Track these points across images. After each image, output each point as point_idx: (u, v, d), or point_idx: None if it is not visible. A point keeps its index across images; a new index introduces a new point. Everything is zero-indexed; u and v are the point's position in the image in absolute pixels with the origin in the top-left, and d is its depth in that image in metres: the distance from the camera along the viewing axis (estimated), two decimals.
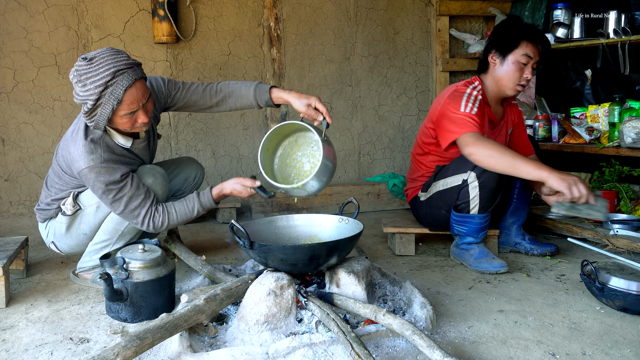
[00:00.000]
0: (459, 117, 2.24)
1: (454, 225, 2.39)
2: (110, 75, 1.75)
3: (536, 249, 2.52)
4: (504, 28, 2.37)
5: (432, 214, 2.47)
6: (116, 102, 1.79)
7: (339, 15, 3.76)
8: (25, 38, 3.15)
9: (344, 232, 1.94)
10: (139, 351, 1.37)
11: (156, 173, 2.08)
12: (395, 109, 3.97)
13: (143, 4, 3.32)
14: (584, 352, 1.57)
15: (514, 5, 3.90)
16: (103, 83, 1.75)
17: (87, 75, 1.76)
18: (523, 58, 2.32)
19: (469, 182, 2.26)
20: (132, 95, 1.82)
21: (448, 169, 2.38)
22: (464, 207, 2.32)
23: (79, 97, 1.80)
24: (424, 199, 2.50)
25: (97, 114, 1.82)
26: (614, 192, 2.77)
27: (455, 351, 1.57)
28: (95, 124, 1.86)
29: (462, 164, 2.30)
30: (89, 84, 1.75)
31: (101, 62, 1.76)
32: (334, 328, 1.49)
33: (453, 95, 2.33)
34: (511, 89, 2.38)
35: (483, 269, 2.28)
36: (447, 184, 2.36)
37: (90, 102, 1.78)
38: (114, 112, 1.83)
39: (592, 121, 3.05)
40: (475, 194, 2.27)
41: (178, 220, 2.06)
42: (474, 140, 2.15)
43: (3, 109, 3.17)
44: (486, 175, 2.21)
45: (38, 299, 2.02)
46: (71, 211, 2.06)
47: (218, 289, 1.67)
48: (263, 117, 3.66)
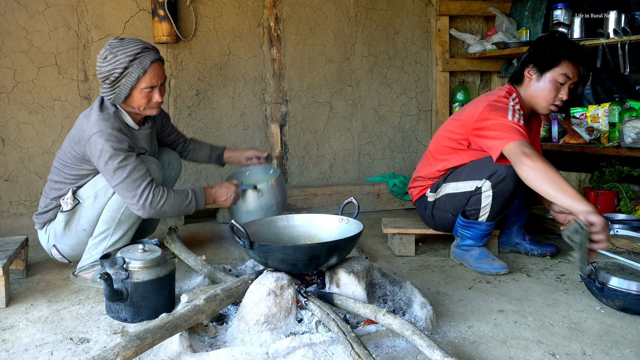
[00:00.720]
0: (508, 125, 2.09)
1: (459, 229, 2.38)
2: (139, 49, 2.01)
3: (536, 249, 2.52)
4: (546, 43, 2.25)
5: (438, 216, 2.45)
6: (142, 71, 2.00)
7: (339, 15, 3.76)
8: (25, 38, 3.15)
9: (344, 232, 1.94)
10: (139, 351, 1.37)
11: (151, 161, 2.13)
12: (395, 109, 3.97)
13: (143, 4, 3.32)
14: (584, 352, 1.57)
15: (514, 5, 3.90)
16: (133, 54, 1.99)
17: (119, 48, 2.00)
18: (561, 78, 2.21)
19: (482, 191, 2.23)
20: (155, 70, 2.05)
21: (461, 172, 2.33)
22: (472, 213, 2.30)
23: (107, 67, 1.99)
24: (432, 199, 2.46)
25: (122, 84, 2.01)
26: (614, 192, 2.77)
27: (455, 351, 1.57)
28: (116, 96, 2.04)
29: (477, 171, 2.24)
30: (119, 54, 1.98)
31: (132, 40, 2.04)
32: (334, 328, 1.49)
33: (495, 105, 2.20)
34: (544, 107, 2.29)
35: (483, 270, 2.28)
36: (458, 188, 2.32)
37: (118, 70, 1.99)
38: (138, 81, 2.02)
39: (592, 121, 3.05)
40: (487, 203, 2.24)
41: (172, 205, 2.07)
42: (528, 151, 1.97)
43: (3, 109, 3.17)
44: (501, 186, 2.18)
45: (38, 299, 2.02)
46: (70, 205, 2.10)
47: (218, 289, 1.67)
48: (263, 117, 3.66)
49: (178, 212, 2.11)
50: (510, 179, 2.16)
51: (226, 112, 3.57)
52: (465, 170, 2.32)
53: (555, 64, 2.22)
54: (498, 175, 2.18)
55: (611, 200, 2.75)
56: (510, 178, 2.15)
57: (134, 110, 2.12)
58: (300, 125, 3.75)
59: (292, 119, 3.73)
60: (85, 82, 3.28)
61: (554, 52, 2.22)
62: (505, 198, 2.22)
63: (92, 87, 3.30)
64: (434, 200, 2.45)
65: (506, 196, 2.21)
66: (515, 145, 2.01)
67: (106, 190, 2.08)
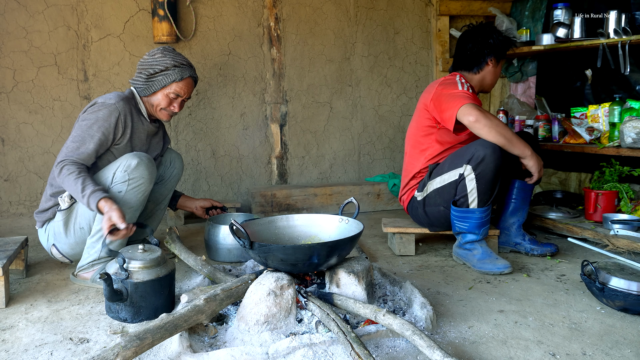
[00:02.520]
0: (457, 93, 2.33)
1: (455, 223, 2.39)
2: (185, 62, 2.29)
3: (536, 249, 2.52)
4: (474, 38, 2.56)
5: (431, 212, 2.47)
6: (179, 78, 2.25)
7: (339, 15, 3.75)
8: (25, 38, 3.15)
9: (344, 232, 1.93)
10: (138, 351, 1.37)
11: (141, 156, 2.16)
12: (396, 108, 3.96)
13: (143, 4, 3.32)
14: (584, 352, 1.57)
15: (514, 5, 3.90)
16: (178, 63, 2.26)
17: (171, 54, 2.27)
18: None
19: (465, 175, 2.29)
20: (188, 83, 2.31)
21: (443, 166, 2.40)
22: (463, 201, 2.33)
23: (153, 62, 2.23)
24: (420, 198, 2.50)
25: (156, 80, 2.24)
26: (614, 192, 2.77)
27: (456, 351, 1.57)
28: (146, 87, 2.26)
29: (457, 159, 2.33)
30: (168, 57, 2.24)
31: (181, 55, 2.33)
32: (334, 328, 1.49)
33: (445, 82, 2.45)
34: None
35: (487, 270, 2.28)
36: (444, 181, 2.38)
37: (160, 67, 2.22)
38: (169, 84, 2.25)
39: (593, 121, 3.04)
40: (472, 187, 2.29)
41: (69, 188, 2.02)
42: (478, 110, 2.24)
43: (3, 109, 3.16)
44: (482, 166, 2.24)
45: (38, 299, 2.02)
46: (67, 203, 2.15)
47: (218, 289, 1.67)
48: (263, 117, 3.66)
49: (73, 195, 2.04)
50: (489, 158, 2.23)
51: (226, 112, 3.57)
52: (447, 163, 2.40)
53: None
54: (477, 157, 2.25)
55: (611, 200, 2.75)
56: (490, 157, 2.23)
57: (151, 107, 2.32)
58: (300, 125, 3.75)
59: (292, 119, 3.73)
60: (85, 82, 3.28)
61: (479, 46, 2.50)
62: (489, 178, 2.27)
63: (92, 87, 3.29)
64: (424, 198, 2.49)
65: (489, 176, 2.26)
66: (465, 108, 2.26)
67: None
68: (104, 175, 2.13)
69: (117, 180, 2.11)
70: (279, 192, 3.46)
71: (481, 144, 2.26)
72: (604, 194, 2.75)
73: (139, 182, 2.12)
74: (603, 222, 2.69)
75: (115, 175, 2.11)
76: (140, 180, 2.12)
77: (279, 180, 3.75)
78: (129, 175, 2.10)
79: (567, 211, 2.99)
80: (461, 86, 2.38)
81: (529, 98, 3.84)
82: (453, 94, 2.34)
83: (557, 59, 3.59)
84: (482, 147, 2.25)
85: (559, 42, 3.20)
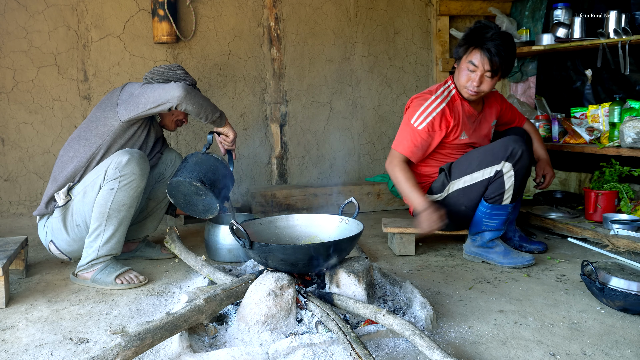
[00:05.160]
0: (405, 131, 2.38)
1: (484, 220, 2.37)
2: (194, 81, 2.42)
3: (525, 246, 2.55)
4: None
5: (448, 213, 2.42)
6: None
7: (339, 15, 3.75)
8: (25, 38, 3.15)
9: (344, 232, 1.93)
10: (138, 351, 1.37)
11: (133, 152, 2.18)
12: (396, 108, 3.96)
13: (143, 4, 3.32)
14: (584, 352, 1.57)
15: (514, 5, 3.90)
16: (190, 81, 2.38)
17: (185, 72, 2.41)
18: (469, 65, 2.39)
19: (504, 172, 2.26)
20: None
21: (471, 164, 2.34)
22: (497, 198, 2.31)
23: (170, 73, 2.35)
24: (440, 199, 2.45)
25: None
26: (614, 192, 2.77)
27: (456, 351, 1.57)
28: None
29: (491, 157, 2.29)
30: (179, 72, 2.38)
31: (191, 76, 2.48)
32: (334, 328, 1.49)
33: (415, 101, 2.43)
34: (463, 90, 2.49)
35: (517, 264, 2.32)
36: (475, 179, 2.32)
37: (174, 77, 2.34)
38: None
39: (593, 121, 3.04)
40: (510, 184, 2.27)
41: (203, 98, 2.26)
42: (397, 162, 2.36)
43: (3, 109, 3.16)
44: (521, 163, 2.25)
45: (38, 299, 2.02)
46: (63, 201, 2.19)
47: (218, 289, 1.67)
48: (263, 117, 3.66)
49: (206, 106, 2.25)
50: (526, 154, 2.25)
51: (226, 111, 3.56)
52: (475, 160, 2.33)
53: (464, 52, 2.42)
54: (514, 154, 2.24)
55: (611, 200, 2.75)
56: (526, 153, 2.25)
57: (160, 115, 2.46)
58: (300, 125, 3.75)
59: (292, 119, 3.73)
60: (85, 82, 3.28)
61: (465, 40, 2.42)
62: (524, 174, 2.30)
63: (91, 87, 3.29)
64: (442, 200, 2.44)
65: (524, 172, 2.29)
66: (395, 155, 2.38)
67: (94, 186, 2.14)
68: (96, 173, 2.16)
69: (108, 178, 2.12)
70: (279, 192, 3.46)
71: (515, 141, 2.24)
72: (604, 194, 2.75)
73: (131, 178, 2.13)
74: (603, 222, 2.69)
75: (107, 172, 2.13)
76: (132, 176, 2.13)
77: (279, 180, 3.75)
78: (120, 172, 2.12)
79: (567, 211, 2.99)
80: (419, 115, 2.35)
81: (529, 98, 3.84)
82: (403, 129, 2.40)
83: (557, 59, 3.59)
84: (518, 143, 2.23)
85: (559, 42, 3.20)
